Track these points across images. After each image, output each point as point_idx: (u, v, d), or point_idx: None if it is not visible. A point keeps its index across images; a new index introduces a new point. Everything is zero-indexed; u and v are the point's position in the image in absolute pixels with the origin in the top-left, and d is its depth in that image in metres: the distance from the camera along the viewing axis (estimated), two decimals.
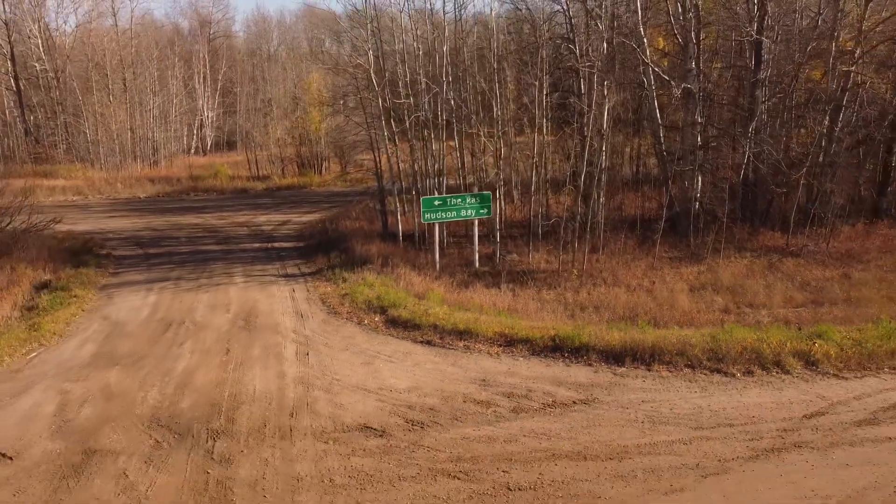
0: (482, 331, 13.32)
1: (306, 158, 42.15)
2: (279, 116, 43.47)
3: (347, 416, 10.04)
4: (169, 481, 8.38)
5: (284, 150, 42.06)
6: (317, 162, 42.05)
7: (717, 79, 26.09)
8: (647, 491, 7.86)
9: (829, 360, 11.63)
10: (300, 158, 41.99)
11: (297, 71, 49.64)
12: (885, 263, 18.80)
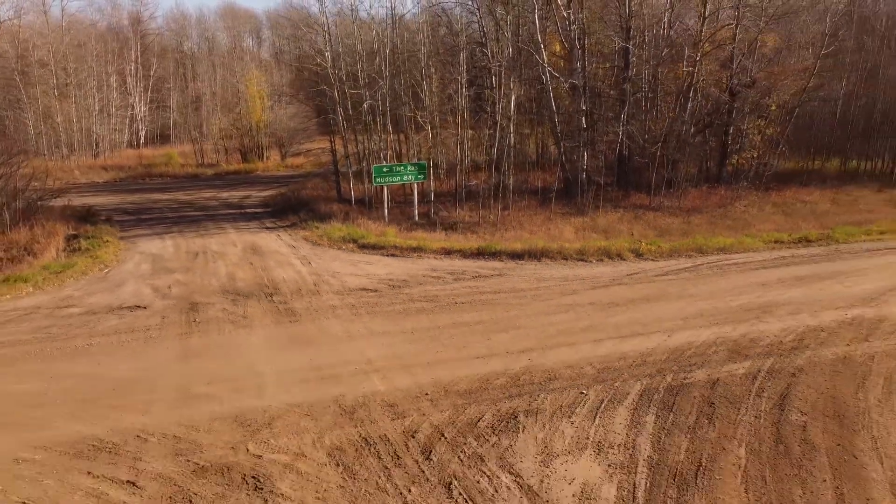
0: (429, 247, 19.79)
1: (248, 147, 47.27)
2: (222, 109, 48.29)
3: (350, 285, 16.23)
4: (253, 310, 14.33)
5: (228, 141, 47.00)
6: (259, 150, 47.26)
7: (601, 75, 33.53)
8: (533, 302, 14.51)
9: (650, 253, 18.80)
10: (243, 147, 47.07)
11: (230, 68, 54.32)
12: (716, 213, 26.50)
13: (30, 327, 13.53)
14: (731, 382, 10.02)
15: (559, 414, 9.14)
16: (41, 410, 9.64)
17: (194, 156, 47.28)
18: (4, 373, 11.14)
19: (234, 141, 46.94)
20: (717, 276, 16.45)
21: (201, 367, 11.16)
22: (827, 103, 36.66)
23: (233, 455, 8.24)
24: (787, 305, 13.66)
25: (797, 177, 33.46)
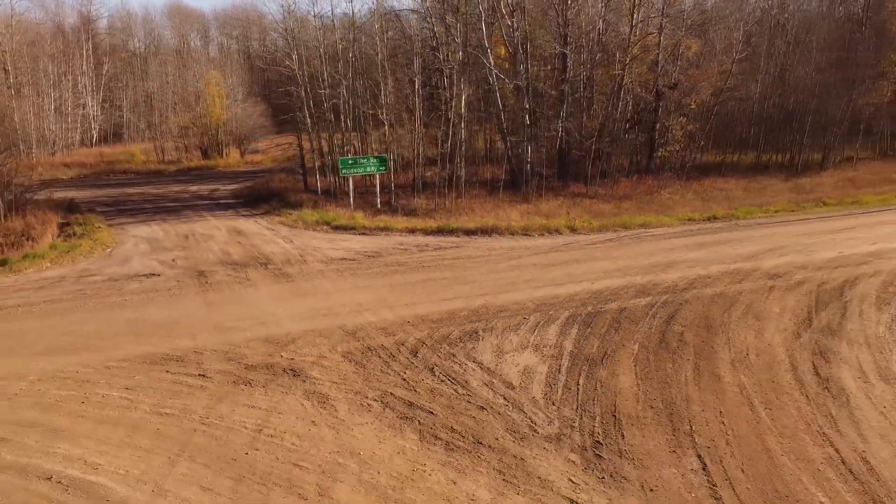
0: (394, 227, 23.06)
1: (208, 145, 49.51)
2: (180, 108, 50.34)
3: (331, 255, 19.36)
4: (253, 275, 17.32)
5: (188, 139, 49.13)
6: (219, 147, 49.54)
7: (542, 76, 37.30)
8: (486, 264, 17.92)
9: (583, 229, 22.51)
10: (203, 145, 49.28)
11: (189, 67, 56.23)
12: (643, 199, 30.44)
13: (65, 290, 16.23)
14: (634, 309, 13.63)
15: (508, 330, 12.56)
16: (109, 340, 12.53)
17: (155, 153, 49.22)
18: (64, 320, 13.91)
19: (195, 139, 49.09)
20: (636, 244, 20.23)
21: (225, 312, 14.17)
22: (743, 102, 41.50)
23: (271, 359, 11.37)
24: (686, 262, 17.45)
25: (716, 168, 37.94)
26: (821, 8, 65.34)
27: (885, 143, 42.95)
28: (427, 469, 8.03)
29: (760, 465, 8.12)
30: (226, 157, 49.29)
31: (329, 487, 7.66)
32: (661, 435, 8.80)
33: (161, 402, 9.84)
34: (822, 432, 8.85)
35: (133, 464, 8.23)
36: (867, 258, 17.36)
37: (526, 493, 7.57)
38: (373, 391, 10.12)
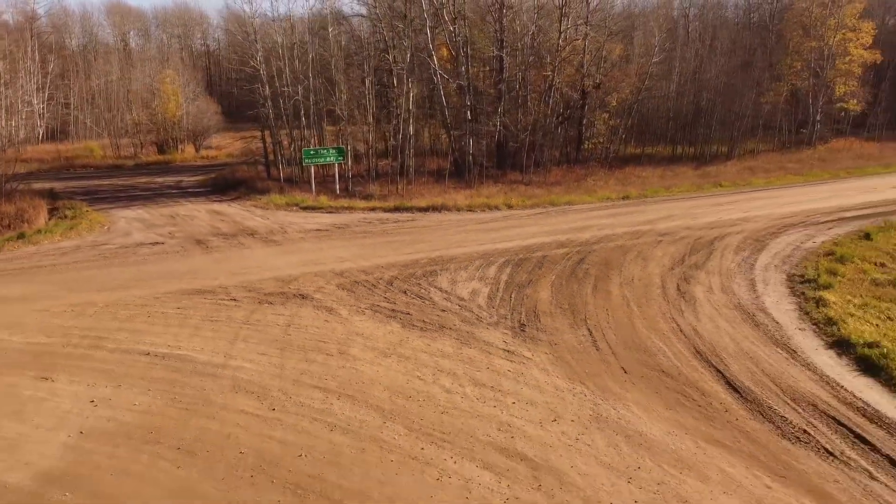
0: (356, 206, 27.01)
1: (164, 140, 52.12)
2: (134, 105, 52.77)
3: (307, 227, 23.18)
4: (245, 241, 21.00)
5: (145, 135, 51.65)
6: (174, 143, 52.21)
7: (481, 77, 41.75)
8: (438, 231, 22.08)
9: (518, 206, 26.94)
10: (159, 140, 51.87)
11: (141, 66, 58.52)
12: (572, 185, 35.10)
13: (86, 255, 19.61)
14: (554, 256, 18.05)
15: (459, 269, 16.77)
16: (147, 283, 16.15)
17: (111, 149, 51.53)
18: (101, 272, 17.39)
19: (151, 135, 51.63)
20: (561, 215, 24.79)
21: (232, 264, 17.92)
22: (660, 100, 47.00)
23: (282, 289, 15.26)
24: (598, 226, 22.05)
25: (636, 159, 43.18)
26: (737, 15, 72.33)
27: (782, 137, 49.13)
28: (410, 339, 12.14)
29: (626, 332, 12.55)
30: (181, 153, 51.99)
31: (345, 350, 11.69)
32: (565, 320, 13.16)
33: (209, 314, 13.64)
34: (671, 317, 13.37)
35: (203, 345, 12.05)
36: (737, 222, 22.34)
37: (476, 347, 11.77)
38: (363, 304, 14.17)
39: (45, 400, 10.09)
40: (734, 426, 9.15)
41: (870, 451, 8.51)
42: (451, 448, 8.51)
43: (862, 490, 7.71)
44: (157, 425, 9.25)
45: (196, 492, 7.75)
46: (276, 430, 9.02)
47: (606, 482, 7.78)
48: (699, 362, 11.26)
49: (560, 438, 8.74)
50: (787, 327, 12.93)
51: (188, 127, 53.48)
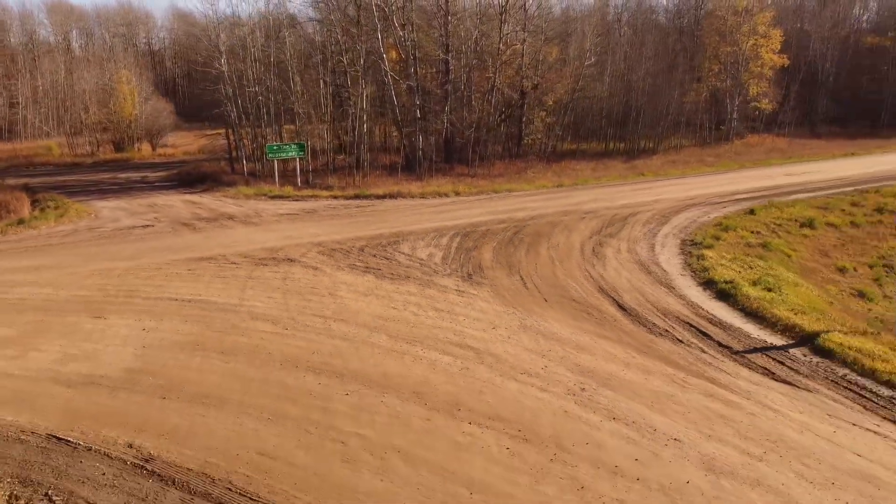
0: (320, 195, 30.42)
1: (121, 139, 54.18)
2: (93, 105, 54.63)
3: (279, 212, 26.49)
4: (227, 223, 24.20)
5: (102, 134, 53.63)
6: (131, 142, 54.32)
7: (429, 78, 45.46)
8: (395, 213, 25.71)
9: (465, 193, 30.79)
10: (116, 139, 53.91)
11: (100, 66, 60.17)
12: (513, 176, 39.17)
13: (85, 236, 22.54)
14: (495, 229, 21.92)
15: (417, 239, 20.48)
16: (152, 254, 19.31)
17: (67, 147, 53.33)
18: (106, 248, 20.43)
19: (108, 133, 53.63)
20: (502, 199, 28.75)
21: (221, 239, 21.17)
22: (593, 100, 51.59)
23: (272, 255, 18.68)
24: (532, 208, 26.07)
25: (572, 153, 47.63)
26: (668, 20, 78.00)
27: (703, 133, 54.44)
28: (383, 285, 15.80)
29: (549, 278, 16.49)
30: (139, 151, 54.13)
31: (334, 293, 15.26)
32: (502, 272, 17.02)
33: (216, 273, 17.00)
34: (584, 269, 17.38)
35: (219, 293, 15.44)
36: (650, 203, 26.70)
37: (434, 289, 15.50)
38: (342, 264, 17.75)
39: (105, 330, 13.34)
40: (619, 328, 13.14)
41: (706, 339, 12.61)
42: (420, 345, 12.21)
43: (694, 358, 11.75)
44: (200, 341, 12.65)
45: (242, 375, 11.22)
46: (292, 341, 12.55)
47: (527, 358, 11.62)
48: (601, 295, 15.26)
49: (496, 337, 12.55)
50: (672, 273, 17.10)
51: (143, 126, 55.59)
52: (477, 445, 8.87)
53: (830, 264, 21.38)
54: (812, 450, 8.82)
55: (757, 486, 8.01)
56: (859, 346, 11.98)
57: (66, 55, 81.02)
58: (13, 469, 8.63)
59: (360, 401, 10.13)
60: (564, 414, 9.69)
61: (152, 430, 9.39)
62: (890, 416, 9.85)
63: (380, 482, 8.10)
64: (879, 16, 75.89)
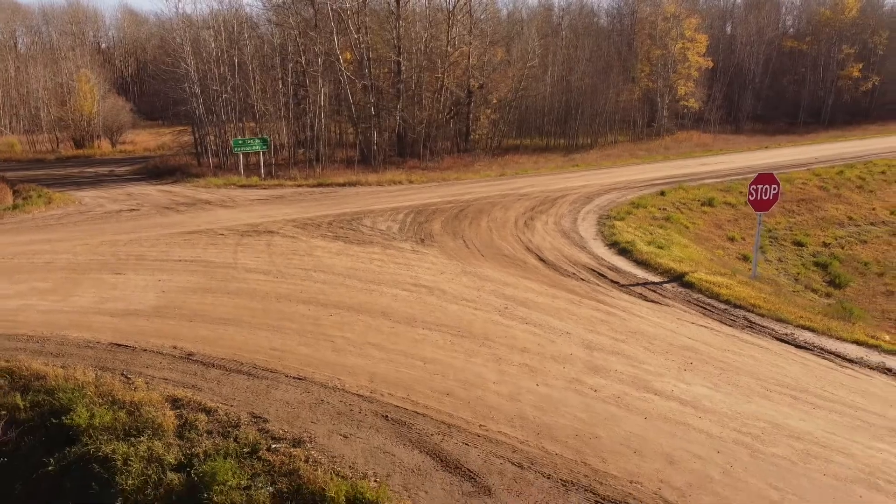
0: (286, 184, 33.83)
1: (81, 137, 56.30)
2: (51, 103, 56.62)
3: (250, 198, 29.84)
4: (207, 207, 27.47)
5: (62, 131, 55.69)
6: (91, 139, 56.50)
7: (382, 78, 49.07)
8: (356, 198, 29.35)
9: (417, 181, 34.60)
10: (76, 136, 56.02)
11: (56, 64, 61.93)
12: (461, 169, 43.16)
13: (81, 218, 25.56)
14: (444, 207, 25.81)
15: (376, 216, 24.21)
16: (149, 230, 22.56)
17: (28, 144, 55.23)
18: (104, 226, 23.55)
19: (69, 131, 55.72)
20: (450, 186, 32.64)
21: (205, 218, 24.50)
22: (537, 99, 56.00)
23: (254, 229, 22.16)
24: (476, 191, 30.04)
25: (516, 148, 51.93)
26: (610, 24, 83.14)
27: (637, 130, 59.48)
28: (351, 248, 19.51)
29: (486, 241, 20.44)
30: (99, 147, 56.33)
31: (311, 253, 18.89)
32: (449, 238, 20.91)
33: (209, 242, 20.43)
34: (516, 235, 21.38)
35: (215, 255, 18.89)
36: (578, 188, 30.99)
37: (394, 249, 19.28)
38: (315, 234, 21.38)
39: (127, 282, 16.70)
40: (538, 273, 17.16)
41: (602, 278, 16.72)
42: (384, 285, 15.99)
43: (590, 289, 15.83)
44: (208, 287, 16.15)
45: (247, 306, 14.78)
46: (282, 285, 16.17)
47: (466, 291, 15.51)
48: (527, 252, 19.29)
49: (443, 279, 16.41)
50: (587, 238, 21.26)
51: (102, 123, 57.79)
52: (428, 340, 12.69)
53: (723, 235, 25.94)
54: (658, 336, 12.93)
55: (617, 354, 12.04)
56: (713, 280, 16.25)
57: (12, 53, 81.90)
58: (91, 362, 12.05)
59: (342, 318, 13.84)
60: (491, 322, 13.60)
61: (187, 339, 12.91)
62: (713, 320, 14.05)
63: (361, 360, 11.83)
64: (800, 21, 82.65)
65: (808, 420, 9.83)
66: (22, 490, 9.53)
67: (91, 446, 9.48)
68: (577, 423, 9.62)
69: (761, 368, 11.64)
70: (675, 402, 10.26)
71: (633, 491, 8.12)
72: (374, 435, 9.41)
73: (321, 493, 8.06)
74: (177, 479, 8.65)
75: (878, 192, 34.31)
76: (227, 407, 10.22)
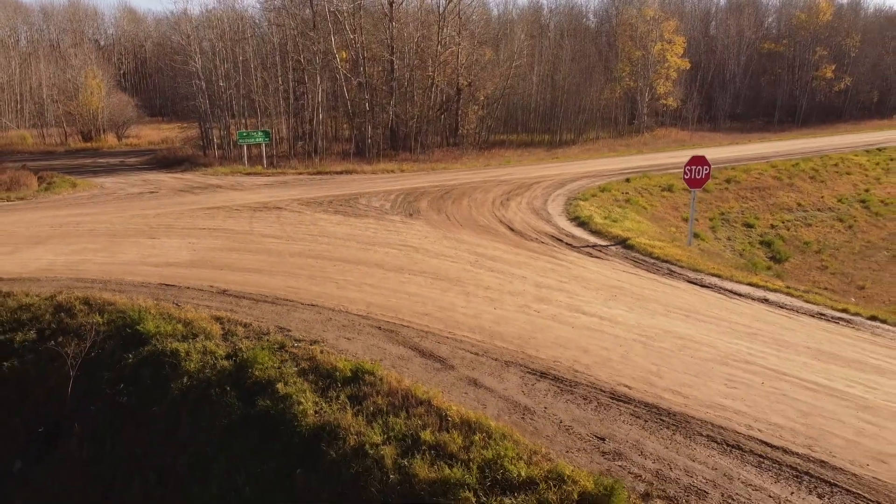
0: (288, 172, 37.26)
1: (88, 130, 59.59)
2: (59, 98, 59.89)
3: (257, 184, 33.27)
4: (217, 190, 30.89)
5: (70, 126, 58.97)
6: (98, 132, 59.79)
7: (376, 75, 52.52)
8: (351, 183, 32.80)
9: (408, 170, 38.09)
10: (84, 130, 59.31)
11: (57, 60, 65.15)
12: (451, 162, 46.69)
13: (108, 198, 28.92)
14: (431, 190, 29.30)
15: (371, 197, 27.69)
16: (171, 206, 25.96)
17: (39, 137, 58.51)
18: (132, 204, 26.93)
19: (77, 125, 59.01)
20: (438, 174, 36.15)
21: (219, 199, 27.90)
22: (523, 97, 59.57)
23: (264, 206, 25.60)
24: (462, 179, 33.56)
25: (502, 143, 55.46)
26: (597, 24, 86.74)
27: (619, 127, 63.11)
28: (349, 219, 22.99)
29: (466, 216, 23.95)
30: (106, 140, 59.63)
31: (315, 223, 22.34)
32: (434, 213, 24.40)
33: (227, 215, 23.86)
34: (492, 212, 24.90)
35: (233, 224, 22.30)
36: (554, 176, 34.53)
37: (386, 220, 22.77)
38: (318, 209, 24.84)
39: (162, 244, 20.12)
40: (506, 238, 20.69)
41: (559, 242, 20.26)
42: (378, 245, 19.47)
43: (547, 249, 19.37)
44: (231, 247, 19.60)
45: (266, 260, 18.22)
46: (293, 245, 19.64)
47: (445, 250, 19.01)
48: (500, 224, 22.82)
49: (427, 242, 19.91)
50: (553, 214, 24.81)
51: (108, 118, 61.08)
52: (413, 281, 16.19)
53: (678, 216, 29.52)
54: (595, 279, 16.48)
55: (560, 290, 15.56)
56: (651, 244, 19.81)
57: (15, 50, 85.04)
58: (147, 294, 15.48)
59: (344, 268, 17.33)
60: (464, 270, 17.12)
61: (221, 282, 16.36)
62: (642, 269, 17.60)
63: (360, 294, 15.30)
64: (779, 24, 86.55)
65: (692, 328, 13.37)
66: (109, 376, 12.97)
67: (160, 345, 12.92)
68: (521, 331, 13.12)
69: (668, 299, 15.20)
70: (596, 318, 13.79)
71: (554, 366, 11.61)
72: (370, 338, 12.88)
73: (333, 367, 11.51)
74: (227, 363, 12.07)
75: (828, 182, 37.97)
76: (258, 322, 13.67)
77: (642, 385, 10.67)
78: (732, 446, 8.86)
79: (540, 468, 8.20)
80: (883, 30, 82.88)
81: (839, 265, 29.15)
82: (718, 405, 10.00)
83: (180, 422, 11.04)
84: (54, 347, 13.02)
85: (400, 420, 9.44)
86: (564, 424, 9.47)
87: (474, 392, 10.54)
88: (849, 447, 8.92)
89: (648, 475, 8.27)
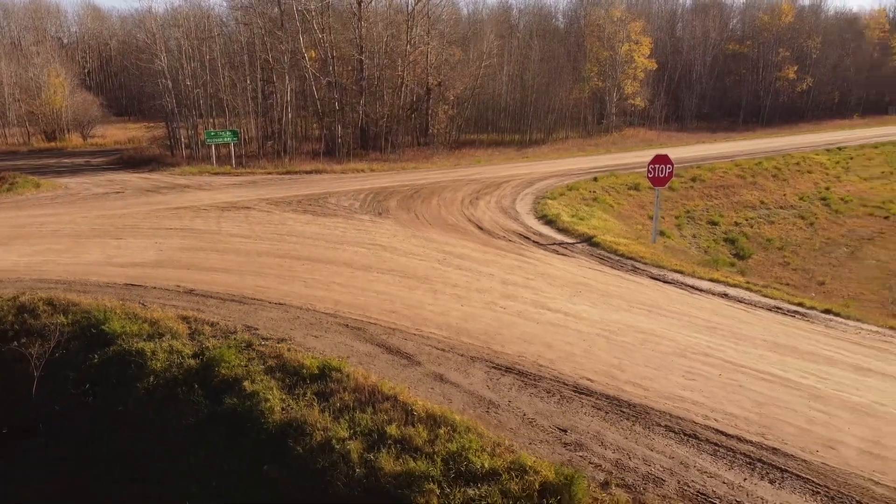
0: (257, 172, 37.07)
1: (51, 130, 58.55)
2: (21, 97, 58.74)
3: (225, 183, 33.06)
4: (185, 191, 30.65)
5: (33, 125, 57.87)
6: (62, 132, 58.77)
7: (346, 75, 52.44)
8: (320, 182, 32.78)
9: (377, 170, 38.14)
10: (48, 129, 58.26)
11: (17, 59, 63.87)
12: (421, 162, 46.77)
13: (73, 198, 28.54)
14: (401, 190, 29.42)
15: (340, 196, 27.72)
16: (138, 206, 25.73)
17: (1, 137, 57.32)
18: (97, 204, 26.62)
19: (40, 124, 57.93)
20: (407, 174, 36.27)
21: (186, 199, 27.70)
22: (493, 96, 59.89)
23: (233, 205, 25.49)
24: (431, 178, 33.71)
25: (473, 143, 55.71)
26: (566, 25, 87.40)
27: (588, 127, 63.77)
28: (318, 219, 23.00)
29: (435, 215, 24.11)
30: (70, 140, 58.65)
31: (284, 223, 22.33)
32: (403, 212, 24.53)
33: (195, 215, 23.72)
34: (461, 211, 25.10)
35: (201, 224, 22.19)
36: (523, 175, 34.84)
37: (355, 220, 22.84)
38: (287, 209, 24.81)
39: (128, 245, 19.96)
40: (475, 236, 20.89)
41: (526, 240, 20.52)
42: (347, 244, 19.54)
43: (515, 247, 19.61)
44: (198, 247, 19.52)
45: (234, 260, 18.20)
46: (261, 245, 19.62)
47: (413, 248, 19.15)
48: (469, 222, 23.03)
49: (396, 241, 20.03)
50: (521, 212, 25.08)
51: (73, 117, 60.08)
52: (381, 280, 16.31)
53: (644, 214, 30.00)
54: (560, 276, 16.76)
55: (526, 287, 15.81)
56: (616, 241, 20.16)
57: None
58: (112, 295, 15.38)
59: (312, 267, 17.38)
60: (432, 268, 17.28)
61: (188, 281, 16.31)
62: (607, 266, 17.93)
63: (328, 293, 15.38)
64: (743, 26, 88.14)
65: (653, 322, 13.69)
66: (74, 376, 12.88)
67: (126, 345, 12.87)
68: (487, 328, 13.32)
69: (632, 295, 15.53)
70: (561, 315, 14.05)
71: (519, 361, 11.83)
72: (337, 336, 12.98)
73: (300, 364, 11.58)
74: (194, 362, 12.07)
75: (790, 181, 38.88)
76: (225, 321, 13.68)
77: (604, 378, 10.93)
78: (689, 436, 9.15)
79: (503, 460, 8.40)
80: (843, 32, 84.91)
81: (800, 261, 29.88)
82: (677, 396, 10.30)
83: (148, 420, 11.04)
84: (18, 348, 12.89)
85: (366, 415, 9.58)
86: (528, 417, 9.69)
87: (440, 387, 10.70)
88: (800, 435, 9.27)
89: (608, 465, 8.52)
